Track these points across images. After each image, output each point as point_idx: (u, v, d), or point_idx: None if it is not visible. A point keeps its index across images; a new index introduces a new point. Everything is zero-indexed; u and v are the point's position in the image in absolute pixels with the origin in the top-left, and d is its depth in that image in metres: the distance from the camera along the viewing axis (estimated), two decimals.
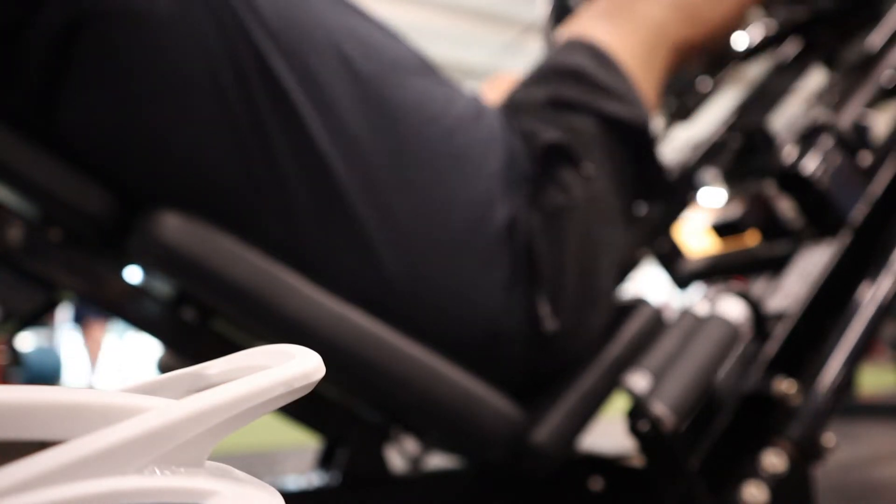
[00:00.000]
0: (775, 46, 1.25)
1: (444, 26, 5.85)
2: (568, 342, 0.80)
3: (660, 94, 0.93)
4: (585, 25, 0.92)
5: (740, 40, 1.26)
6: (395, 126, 0.75)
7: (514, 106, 0.88)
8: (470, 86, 0.91)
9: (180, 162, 0.68)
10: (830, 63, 1.20)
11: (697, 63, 1.17)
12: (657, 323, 0.86)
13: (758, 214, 0.99)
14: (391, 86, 0.76)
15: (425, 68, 0.82)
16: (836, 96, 0.95)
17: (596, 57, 0.88)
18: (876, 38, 1.00)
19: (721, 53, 1.23)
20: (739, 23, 1.03)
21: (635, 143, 0.87)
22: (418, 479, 0.96)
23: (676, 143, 1.33)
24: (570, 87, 0.86)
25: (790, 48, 1.23)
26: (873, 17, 1.05)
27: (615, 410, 0.84)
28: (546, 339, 0.79)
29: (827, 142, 0.86)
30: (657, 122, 0.92)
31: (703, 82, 1.27)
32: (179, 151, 0.68)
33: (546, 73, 0.90)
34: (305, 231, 0.70)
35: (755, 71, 1.31)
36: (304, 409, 0.88)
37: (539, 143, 0.82)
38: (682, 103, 1.27)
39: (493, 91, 1.07)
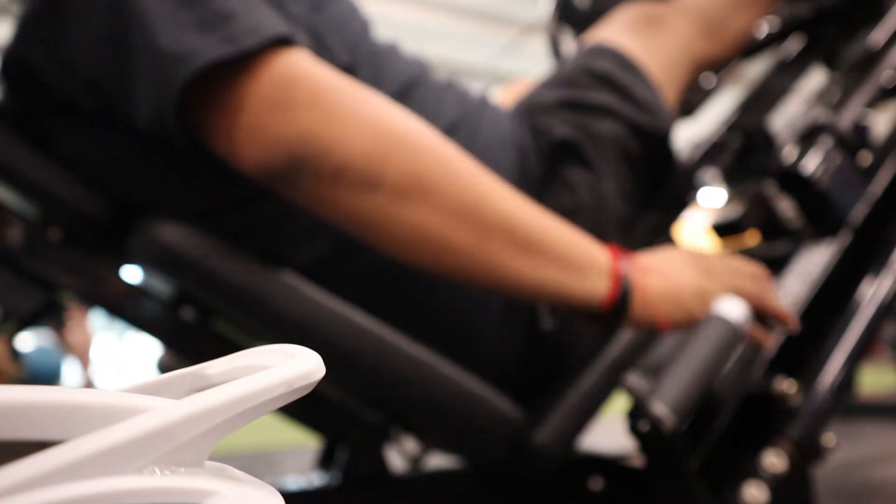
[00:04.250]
0: (778, 44, 1.25)
1: (444, 26, 5.85)
2: (566, 343, 0.80)
3: (677, 107, 0.94)
4: (612, 35, 0.93)
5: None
6: None
7: (532, 106, 0.88)
8: (471, 86, 0.90)
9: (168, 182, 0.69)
10: (831, 63, 1.20)
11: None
12: None
13: (758, 214, 0.99)
14: (408, 99, 0.76)
15: (429, 74, 0.82)
16: (836, 96, 0.95)
17: (624, 65, 0.88)
18: (879, 35, 1.00)
19: None
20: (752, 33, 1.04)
21: (653, 152, 0.87)
22: (418, 479, 0.96)
23: (677, 142, 1.33)
24: (599, 91, 0.86)
25: (792, 45, 1.23)
26: (875, 14, 1.05)
27: (615, 410, 0.85)
28: (544, 338, 0.79)
29: (827, 142, 0.86)
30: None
31: (707, 79, 1.27)
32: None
33: (573, 76, 0.89)
34: (313, 233, 0.70)
35: (756, 70, 1.31)
36: (304, 409, 0.88)
37: (550, 139, 0.82)
38: (686, 100, 1.27)
39: (507, 94, 1.07)
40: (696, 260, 0.70)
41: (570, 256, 0.64)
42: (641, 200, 0.90)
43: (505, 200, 0.63)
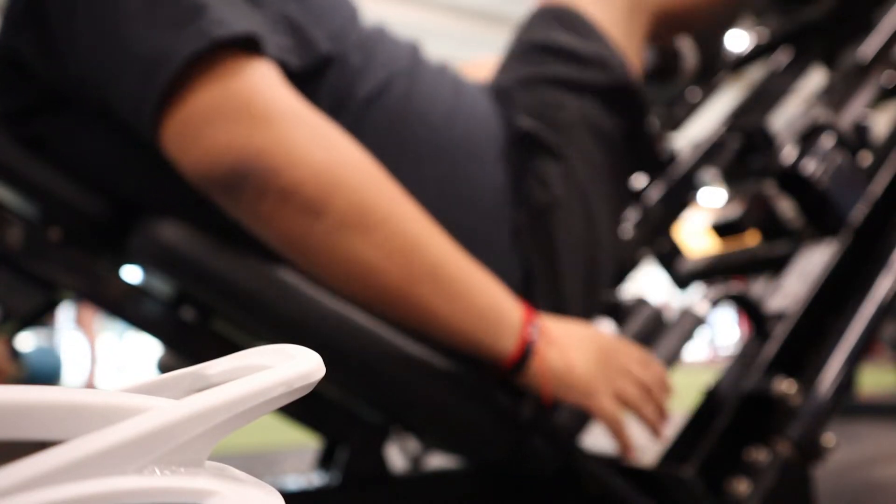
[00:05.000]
0: (767, 55, 1.25)
1: (444, 26, 5.85)
2: None
3: (640, 62, 0.92)
4: None
5: (731, 47, 1.26)
6: (409, 126, 0.74)
7: (498, 91, 0.87)
8: None
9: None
10: (831, 62, 1.20)
11: (682, 38, 1.14)
12: (657, 323, 0.86)
13: (758, 214, 0.99)
14: (397, 87, 0.75)
15: (421, 59, 0.82)
16: (836, 96, 0.95)
17: (571, 24, 0.86)
18: (867, 49, 0.99)
19: (711, 59, 1.22)
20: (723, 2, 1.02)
21: (624, 110, 0.85)
22: (418, 479, 0.96)
23: (677, 142, 1.33)
24: (547, 63, 0.84)
25: (782, 56, 1.23)
26: (864, 27, 1.05)
27: None
28: None
29: (827, 142, 0.86)
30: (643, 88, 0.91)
31: (693, 92, 1.27)
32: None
33: (523, 53, 0.88)
34: None
35: (755, 74, 1.31)
36: (304, 409, 0.88)
37: (514, 132, 0.82)
38: (672, 114, 1.28)
39: (474, 72, 1.06)
40: (598, 348, 0.71)
41: (488, 311, 0.66)
42: (622, 171, 0.89)
43: (439, 248, 0.64)
